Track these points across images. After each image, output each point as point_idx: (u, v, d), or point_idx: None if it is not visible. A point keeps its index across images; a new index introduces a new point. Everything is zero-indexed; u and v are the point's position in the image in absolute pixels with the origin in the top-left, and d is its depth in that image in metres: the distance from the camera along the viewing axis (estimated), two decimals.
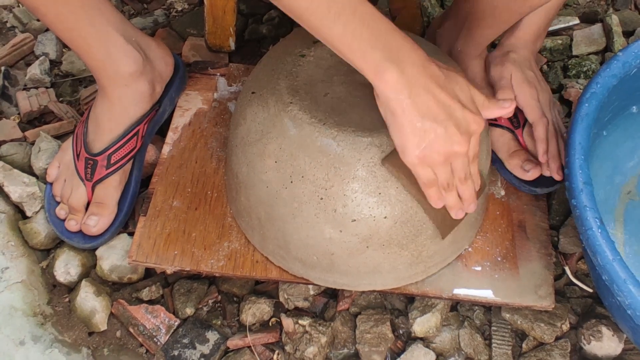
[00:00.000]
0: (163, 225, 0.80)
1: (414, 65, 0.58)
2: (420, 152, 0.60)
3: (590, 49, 1.05)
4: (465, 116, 0.60)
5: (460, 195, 0.66)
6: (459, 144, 0.60)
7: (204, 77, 0.95)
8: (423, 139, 0.59)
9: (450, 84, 0.60)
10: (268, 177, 0.70)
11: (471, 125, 0.60)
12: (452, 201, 0.66)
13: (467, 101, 0.61)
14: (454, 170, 0.63)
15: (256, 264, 0.77)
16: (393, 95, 0.58)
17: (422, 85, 0.58)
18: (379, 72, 0.57)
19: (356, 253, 0.70)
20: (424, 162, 0.61)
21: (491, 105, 0.64)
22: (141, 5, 1.14)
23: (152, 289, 0.81)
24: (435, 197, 0.65)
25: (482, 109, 0.63)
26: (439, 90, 0.58)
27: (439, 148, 0.60)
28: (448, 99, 0.59)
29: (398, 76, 0.57)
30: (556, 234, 0.86)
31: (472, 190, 0.66)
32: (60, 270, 0.82)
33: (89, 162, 0.81)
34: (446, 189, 0.64)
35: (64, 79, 1.04)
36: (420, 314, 0.78)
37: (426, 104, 0.58)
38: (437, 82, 0.58)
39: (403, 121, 0.59)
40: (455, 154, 0.61)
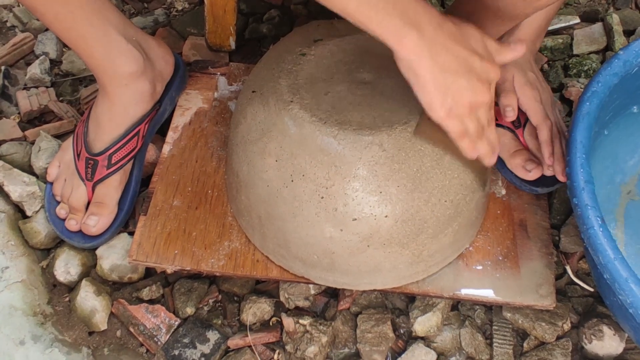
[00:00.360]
0: (163, 225, 0.80)
1: (430, 25, 0.59)
2: (447, 105, 0.61)
3: (591, 48, 1.05)
4: (484, 66, 0.62)
5: (489, 140, 0.67)
6: (482, 93, 0.62)
7: (205, 76, 0.95)
8: (448, 93, 0.61)
9: (466, 38, 0.61)
10: (268, 175, 0.70)
11: (490, 73, 0.63)
12: (485, 149, 0.67)
13: (483, 51, 0.63)
14: (480, 118, 0.65)
15: (257, 263, 0.77)
16: (414, 57, 0.59)
17: (441, 44, 0.59)
18: (398, 38, 0.58)
19: (357, 252, 0.70)
20: (452, 115, 0.62)
21: (503, 50, 0.65)
22: (141, 4, 1.14)
23: (152, 289, 0.81)
24: (469, 147, 0.66)
25: (497, 55, 0.65)
26: (457, 46, 0.60)
27: (465, 99, 0.61)
28: (466, 52, 0.61)
29: (417, 39, 0.58)
30: (557, 233, 0.85)
31: (495, 134, 0.68)
32: (60, 269, 0.82)
33: (89, 162, 0.81)
34: (477, 137, 0.65)
35: (64, 78, 1.04)
36: (421, 314, 0.78)
37: (447, 60, 0.59)
38: (454, 38, 0.60)
39: (426, 80, 0.60)
40: (479, 103, 0.63)
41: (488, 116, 0.66)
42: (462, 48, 0.60)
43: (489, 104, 0.65)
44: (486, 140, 0.67)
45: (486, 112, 0.65)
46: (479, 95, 0.62)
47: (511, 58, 0.67)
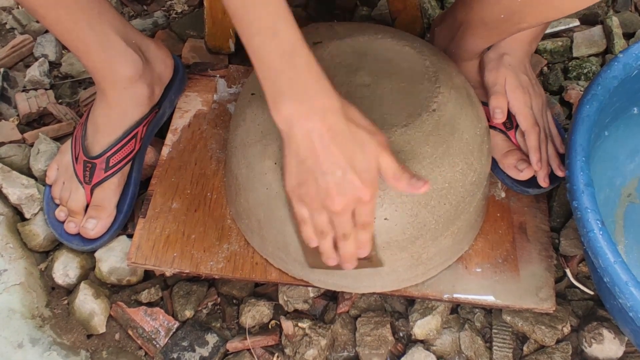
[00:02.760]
0: (162, 227, 0.79)
1: (313, 108, 0.57)
2: (295, 188, 0.60)
3: (590, 50, 1.05)
4: (349, 180, 0.58)
5: (338, 248, 0.64)
6: (331, 201, 0.59)
7: (204, 78, 0.94)
8: (299, 179, 0.59)
9: (350, 143, 0.58)
10: (268, 178, 0.70)
11: (353, 191, 0.59)
12: (325, 248, 0.65)
13: (363, 168, 0.59)
14: (333, 223, 0.62)
15: (256, 266, 0.77)
16: (282, 126, 0.58)
17: (314, 130, 0.57)
18: (275, 102, 0.57)
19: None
20: (299, 198, 0.61)
21: (403, 179, 0.61)
22: (141, 6, 1.14)
23: (151, 291, 0.81)
24: (307, 235, 0.64)
25: (393, 179, 0.61)
26: (330, 142, 0.57)
27: (312, 195, 0.60)
28: (336, 154, 0.57)
29: (291, 112, 0.57)
30: (557, 236, 0.85)
31: (351, 251, 0.64)
32: (59, 272, 0.81)
33: (87, 165, 0.81)
34: (319, 234, 0.63)
35: (63, 80, 1.03)
36: (421, 317, 0.77)
37: (311, 149, 0.57)
38: (333, 133, 0.57)
39: (287, 154, 0.59)
40: (328, 208, 0.60)
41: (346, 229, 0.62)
42: (335, 149, 0.57)
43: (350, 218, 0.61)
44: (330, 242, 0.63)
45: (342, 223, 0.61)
46: (327, 201, 0.59)
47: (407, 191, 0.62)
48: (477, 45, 0.81)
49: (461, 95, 0.74)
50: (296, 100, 0.56)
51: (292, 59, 0.56)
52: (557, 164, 0.81)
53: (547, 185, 0.81)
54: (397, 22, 1.02)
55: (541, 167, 0.80)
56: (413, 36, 0.80)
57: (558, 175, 0.80)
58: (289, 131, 0.58)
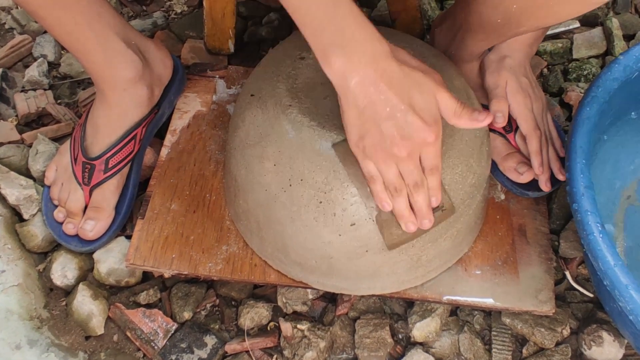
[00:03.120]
0: (161, 228, 0.79)
1: (364, 54, 0.55)
2: (359, 142, 0.58)
3: (590, 52, 1.04)
4: (411, 121, 0.57)
5: (412, 205, 0.63)
6: (397, 147, 0.57)
7: (203, 79, 0.94)
8: (361, 131, 0.58)
9: (406, 85, 0.57)
10: (267, 180, 0.69)
11: (416, 132, 0.57)
12: (400, 208, 0.62)
13: (423, 107, 0.57)
14: (403, 174, 0.60)
15: (254, 267, 0.77)
16: (337, 80, 0.56)
17: (368, 77, 0.55)
18: (325, 55, 0.55)
19: (355, 257, 0.70)
20: (365, 154, 0.59)
21: (464, 115, 0.60)
22: (140, 7, 1.14)
23: (149, 293, 0.81)
24: (379, 196, 0.62)
25: (453, 116, 0.60)
26: (386, 87, 0.56)
27: (377, 145, 0.58)
28: (395, 98, 0.56)
29: (343, 62, 0.55)
30: (557, 238, 0.85)
31: (425, 202, 0.63)
32: (57, 273, 0.81)
33: (86, 166, 0.81)
34: (393, 191, 0.61)
35: (62, 81, 1.03)
36: (420, 319, 0.77)
37: (369, 97, 0.56)
38: (388, 78, 0.56)
39: (346, 108, 0.57)
40: (394, 156, 0.58)
41: (416, 178, 0.60)
42: (392, 92, 0.56)
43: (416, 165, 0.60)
44: (404, 200, 0.62)
45: (410, 172, 0.60)
46: (394, 148, 0.57)
47: (465, 125, 0.61)
48: (477, 47, 0.80)
49: (461, 97, 0.73)
50: (345, 49, 0.54)
51: (335, 9, 0.54)
52: (557, 167, 0.81)
53: (549, 189, 0.80)
54: (397, 24, 1.02)
55: (543, 171, 0.80)
56: (412, 37, 0.79)
57: (559, 179, 0.80)
58: (343, 83, 0.56)
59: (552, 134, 0.84)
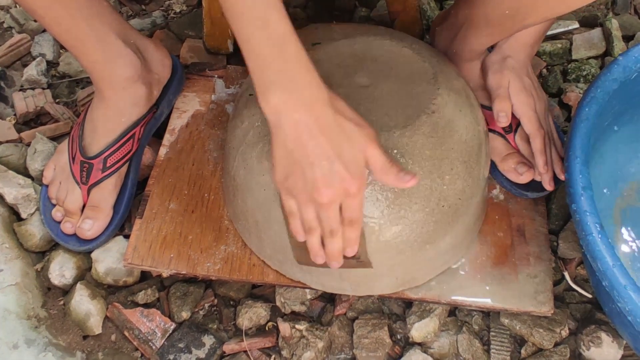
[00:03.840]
0: (159, 228, 0.79)
1: (301, 98, 0.57)
2: (283, 181, 0.60)
3: (590, 53, 1.04)
4: (336, 171, 0.58)
5: (324, 245, 0.64)
6: (317, 193, 0.59)
7: (202, 78, 0.94)
8: (287, 171, 0.59)
9: (337, 134, 0.58)
10: (266, 180, 0.69)
11: (341, 183, 0.58)
12: (312, 243, 0.64)
13: (350, 159, 0.59)
14: (320, 219, 0.61)
15: (253, 267, 0.77)
16: (271, 117, 0.58)
17: (301, 121, 0.57)
18: (264, 91, 0.57)
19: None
20: (287, 191, 0.61)
21: (391, 173, 0.61)
22: (139, 6, 1.14)
23: (147, 292, 0.81)
24: (295, 229, 0.64)
25: (381, 173, 0.61)
26: (319, 134, 0.57)
27: (299, 188, 0.59)
28: (324, 145, 0.57)
29: (280, 101, 0.56)
30: (555, 239, 0.85)
31: (336, 249, 0.64)
32: (55, 272, 0.81)
33: (84, 165, 0.81)
34: (307, 230, 0.63)
35: (61, 80, 1.03)
36: (418, 319, 0.77)
37: (299, 140, 0.57)
38: (320, 125, 0.57)
39: (275, 146, 0.59)
40: (315, 201, 0.59)
41: (334, 226, 0.61)
42: (323, 139, 0.57)
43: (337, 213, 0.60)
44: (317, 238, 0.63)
45: (329, 218, 0.61)
46: (314, 193, 0.58)
47: (395, 185, 0.62)
48: (479, 44, 0.80)
49: (460, 97, 0.74)
50: (285, 90, 0.56)
51: (282, 50, 0.56)
52: (559, 167, 0.80)
53: (553, 188, 0.80)
54: (396, 24, 1.02)
55: (547, 170, 0.80)
56: (412, 37, 0.79)
57: (560, 179, 0.80)
58: (276, 122, 0.57)
59: (553, 134, 0.84)
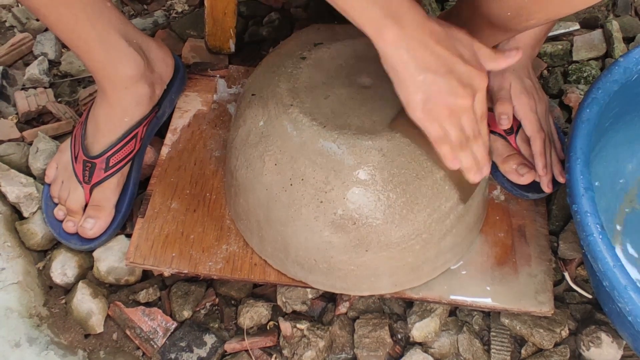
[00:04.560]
0: (161, 227, 0.79)
1: (412, 21, 0.58)
2: (425, 105, 0.60)
3: (590, 54, 1.04)
4: (467, 70, 0.60)
5: (474, 155, 0.65)
6: (462, 97, 0.60)
7: (204, 78, 0.94)
8: (426, 92, 0.59)
9: (450, 40, 0.60)
10: (267, 179, 0.69)
11: (474, 79, 0.61)
12: (468, 162, 0.65)
13: (470, 56, 0.61)
14: (464, 126, 0.63)
15: (254, 267, 0.77)
16: (393, 51, 0.58)
17: (421, 40, 0.58)
18: (378, 30, 0.57)
19: (355, 257, 0.70)
20: (430, 116, 0.61)
21: (497, 57, 0.64)
22: (141, 5, 1.14)
23: (149, 291, 0.81)
24: (450, 155, 0.64)
25: (490, 61, 0.63)
26: (439, 46, 0.59)
27: (443, 100, 0.60)
28: (448, 53, 0.59)
29: (397, 32, 0.57)
30: (556, 239, 0.85)
31: (485, 150, 0.66)
32: (57, 271, 0.81)
33: (87, 164, 0.81)
34: (459, 147, 0.63)
35: (63, 79, 1.03)
36: (419, 319, 0.77)
37: (426, 58, 0.58)
38: (436, 37, 0.59)
39: (405, 76, 0.59)
40: (460, 107, 0.61)
41: (475, 127, 0.63)
42: (443, 48, 0.59)
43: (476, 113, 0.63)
44: (470, 153, 0.64)
45: (471, 122, 0.63)
46: (459, 99, 0.60)
47: (504, 65, 0.65)
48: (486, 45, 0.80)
49: None
50: (397, 20, 0.57)
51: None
52: (558, 170, 0.81)
53: (551, 191, 0.81)
54: None
55: (546, 172, 0.80)
56: None
57: (559, 181, 0.80)
58: (400, 52, 0.58)
59: (554, 136, 0.84)
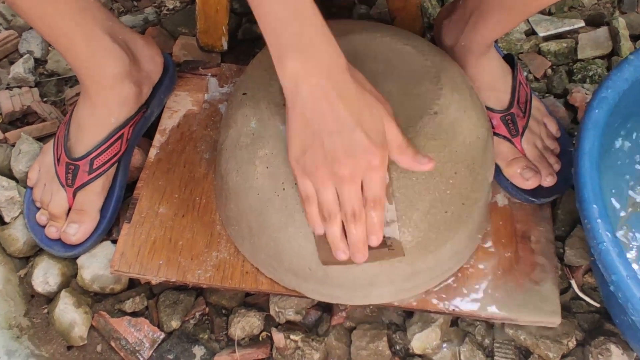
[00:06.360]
0: (148, 233, 0.76)
1: (320, 62, 0.53)
2: (299, 157, 0.56)
3: (596, 52, 1.01)
4: (360, 140, 0.54)
5: (347, 235, 0.59)
6: (339, 165, 0.55)
7: (195, 77, 0.91)
8: (304, 145, 0.55)
9: (357, 102, 0.55)
10: (259, 183, 0.67)
11: (364, 153, 0.55)
12: (332, 235, 0.59)
13: (372, 129, 0.55)
14: (341, 199, 0.57)
15: (246, 275, 0.74)
16: (288, 85, 0.54)
17: (321, 86, 0.54)
18: (281, 57, 0.54)
19: (352, 264, 0.66)
20: (303, 170, 0.57)
21: (408, 153, 0.58)
22: (131, 2, 1.11)
23: (136, 300, 0.77)
24: (312, 219, 0.59)
25: (396, 150, 0.58)
26: (338, 100, 0.54)
27: (318, 161, 0.55)
28: (344, 112, 0.54)
29: (298, 67, 0.53)
30: (562, 245, 0.82)
31: (360, 237, 0.59)
32: (39, 279, 0.78)
33: (69, 167, 0.78)
34: (327, 216, 0.58)
35: (49, 78, 1.00)
36: (419, 330, 0.74)
37: (318, 107, 0.54)
38: (340, 91, 0.54)
39: (292, 117, 0.55)
40: (335, 176, 0.55)
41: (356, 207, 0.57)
42: (345, 108, 0.53)
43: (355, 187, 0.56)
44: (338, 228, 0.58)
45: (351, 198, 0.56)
46: (335, 165, 0.54)
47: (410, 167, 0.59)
48: (493, 33, 0.76)
49: (464, 98, 0.71)
50: (302, 54, 0.53)
51: (297, 12, 0.53)
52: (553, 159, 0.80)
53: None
54: (396, 21, 0.99)
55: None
56: (414, 35, 0.77)
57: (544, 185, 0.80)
58: (293, 89, 0.54)
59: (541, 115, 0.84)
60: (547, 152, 0.83)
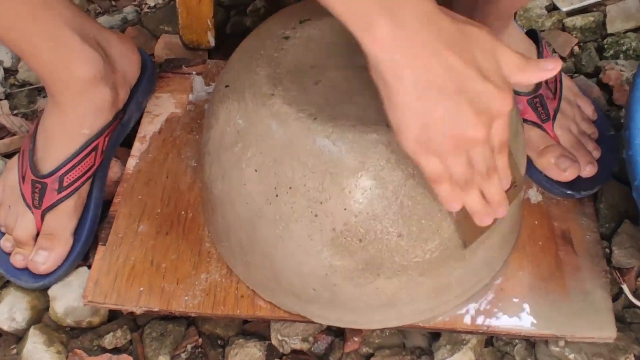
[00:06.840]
0: (126, 256, 0.69)
1: (415, 16, 0.44)
2: (422, 134, 0.47)
3: (627, 25, 0.95)
4: (485, 90, 0.47)
5: (485, 194, 0.53)
6: (473, 127, 0.47)
7: (177, 76, 0.85)
8: (425, 118, 0.47)
9: (467, 44, 0.47)
10: (247, 190, 0.59)
11: (493, 102, 0.47)
12: (474, 203, 0.53)
13: (491, 69, 0.48)
14: (474, 161, 0.50)
15: (241, 299, 0.66)
16: (385, 56, 0.45)
17: (426, 44, 0.45)
18: (367, 26, 0.44)
19: (364, 283, 0.59)
20: (428, 149, 0.48)
21: (529, 67, 0.50)
22: (109, 2, 1.05)
23: (117, 334, 0.69)
24: (448, 197, 0.52)
25: (518, 71, 0.50)
26: (450, 52, 0.45)
27: (447, 130, 0.47)
28: (462, 64, 0.46)
29: (392, 31, 0.44)
30: (608, 244, 0.74)
31: (499, 189, 0.53)
32: (4, 316, 0.69)
33: (36, 185, 0.70)
34: (463, 186, 0.51)
35: (20, 89, 0.94)
36: (449, 354, 0.66)
37: (430, 69, 0.45)
38: (448, 40, 0.45)
39: (398, 93, 0.46)
40: (470, 140, 0.48)
41: (489, 162, 0.51)
42: (457, 58, 0.46)
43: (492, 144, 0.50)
44: (477, 193, 0.52)
45: (484, 157, 0.50)
46: (469, 129, 0.47)
47: (536, 79, 0.52)
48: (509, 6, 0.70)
49: None
50: (390, 13, 0.44)
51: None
52: (592, 145, 0.75)
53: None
54: None
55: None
56: None
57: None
58: (393, 57, 0.45)
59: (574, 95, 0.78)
60: (584, 138, 0.76)
